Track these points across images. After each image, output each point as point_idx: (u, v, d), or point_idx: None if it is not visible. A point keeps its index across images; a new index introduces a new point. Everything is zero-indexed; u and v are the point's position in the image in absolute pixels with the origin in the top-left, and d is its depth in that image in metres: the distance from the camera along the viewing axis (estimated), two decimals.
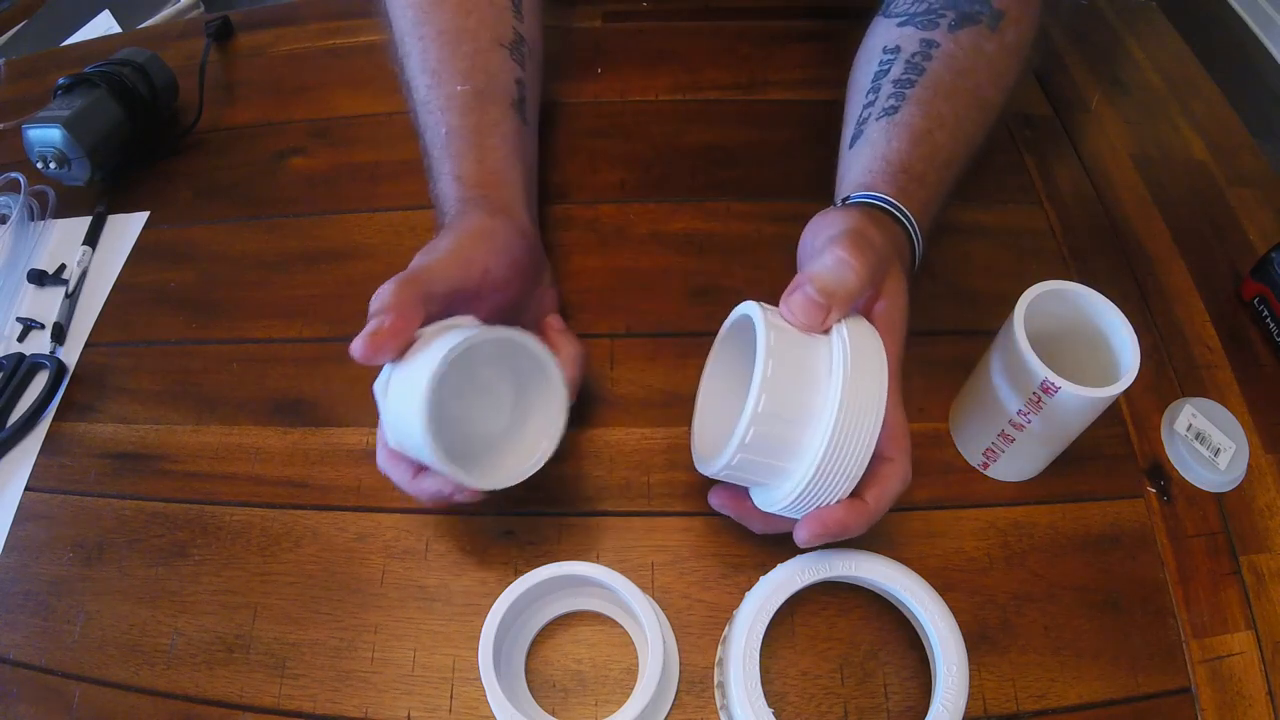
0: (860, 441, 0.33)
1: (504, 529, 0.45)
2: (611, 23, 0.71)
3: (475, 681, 0.38)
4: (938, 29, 0.49)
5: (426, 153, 0.49)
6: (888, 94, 0.48)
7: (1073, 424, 0.41)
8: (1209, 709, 0.39)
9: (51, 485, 0.48)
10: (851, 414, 0.33)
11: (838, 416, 0.33)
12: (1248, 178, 0.60)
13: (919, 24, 0.49)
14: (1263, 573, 0.43)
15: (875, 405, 0.33)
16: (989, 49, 0.49)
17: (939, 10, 0.49)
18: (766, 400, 0.33)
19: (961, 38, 0.48)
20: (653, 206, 0.58)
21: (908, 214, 0.43)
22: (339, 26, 0.72)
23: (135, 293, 0.57)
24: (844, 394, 0.33)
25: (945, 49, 0.48)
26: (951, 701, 0.36)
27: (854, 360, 0.34)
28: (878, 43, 0.51)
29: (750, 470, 0.36)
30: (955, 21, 0.49)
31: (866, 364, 0.34)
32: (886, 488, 0.36)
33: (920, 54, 0.48)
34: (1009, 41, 0.49)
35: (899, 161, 0.45)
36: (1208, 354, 0.51)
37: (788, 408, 0.34)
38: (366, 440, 0.48)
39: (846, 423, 0.33)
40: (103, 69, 0.61)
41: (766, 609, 0.38)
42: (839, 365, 0.34)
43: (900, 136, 0.46)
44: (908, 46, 0.49)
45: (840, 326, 0.35)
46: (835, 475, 0.34)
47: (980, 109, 0.49)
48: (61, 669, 0.42)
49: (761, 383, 0.33)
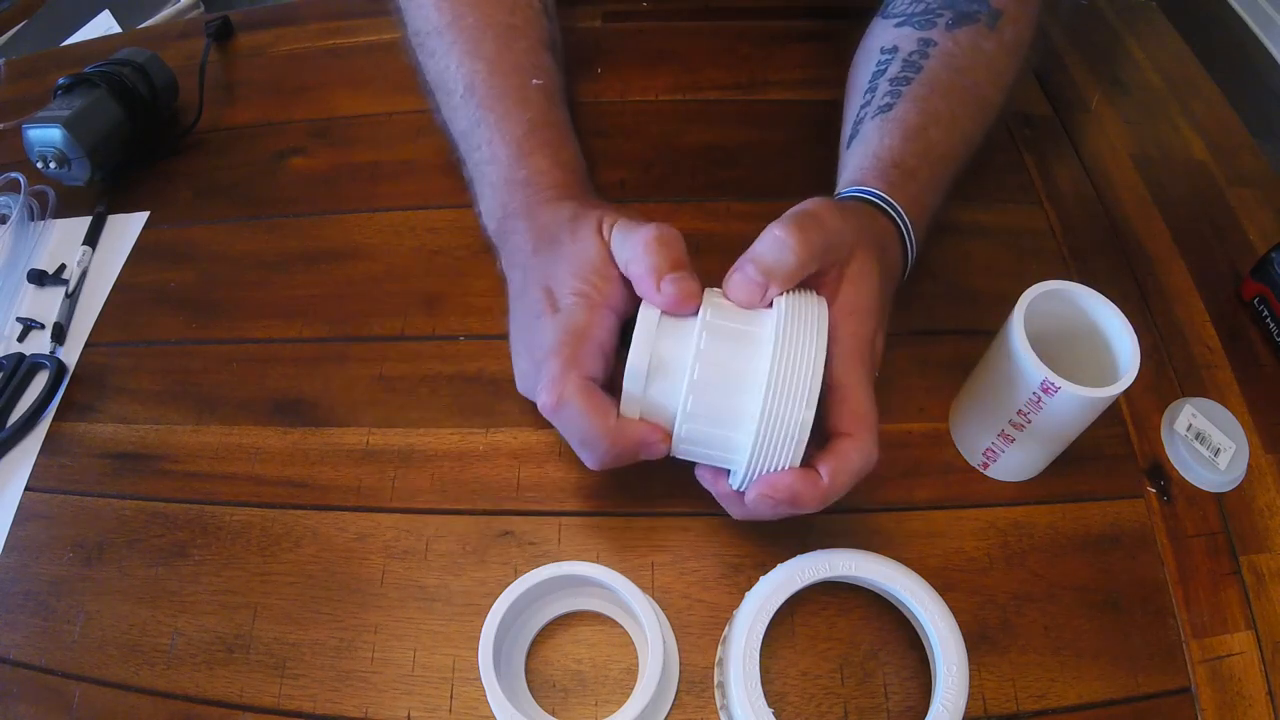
0: (796, 399, 0.34)
1: (504, 529, 0.45)
2: (611, 23, 0.71)
3: (475, 681, 0.38)
4: (935, 28, 0.49)
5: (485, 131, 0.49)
6: (884, 92, 0.48)
7: (1073, 424, 0.41)
8: (1209, 709, 0.39)
9: (51, 485, 0.48)
10: (785, 372, 0.34)
11: (770, 376, 0.33)
12: (1248, 178, 0.60)
13: (916, 24, 0.49)
14: (1263, 573, 0.43)
15: (810, 364, 0.34)
16: (987, 47, 0.49)
17: (936, 10, 0.49)
18: (701, 370, 0.34)
19: (959, 36, 0.48)
20: (653, 206, 0.58)
21: (895, 206, 0.43)
22: (339, 26, 0.72)
23: (135, 293, 0.57)
24: (776, 354, 0.34)
25: (943, 47, 0.48)
26: (951, 701, 0.36)
27: (788, 325, 0.34)
28: (875, 44, 0.51)
29: (703, 442, 0.36)
30: (953, 20, 0.49)
31: (802, 328, 0.35)
32: (843, 462, 0.35)
33: (918, 53, 0.48)
34: (1007, 40, 0.49)
35: (889, 157, 0.45)
36: (1208, 354, 0.51)
37: (727, 377, 0.35)
38: (366, 440, 0.48)
39: (780, 381, 0.33)
40: (103, 69, 0.61)
41: (766, 609, 0.38)
42: (772, 332, 0.35)
43: (893, 133, 0.46)
44: (905, 46, 0.49)
45: (780, 300, 0.36)
46: (778, 438, 0.34)
47: (978, 107, 0.49)
48: (61, 669, 0.42)
49: (696, 354, 0.34)
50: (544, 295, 0.40)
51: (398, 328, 0.53)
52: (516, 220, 0.45)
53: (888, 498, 0.45)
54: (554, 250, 0.41)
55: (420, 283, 0.55)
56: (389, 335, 0.53)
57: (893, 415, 0.48)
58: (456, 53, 0.50)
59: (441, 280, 0.55)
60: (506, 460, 0.47)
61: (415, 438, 0.48)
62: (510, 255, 0.45)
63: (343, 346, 0.53)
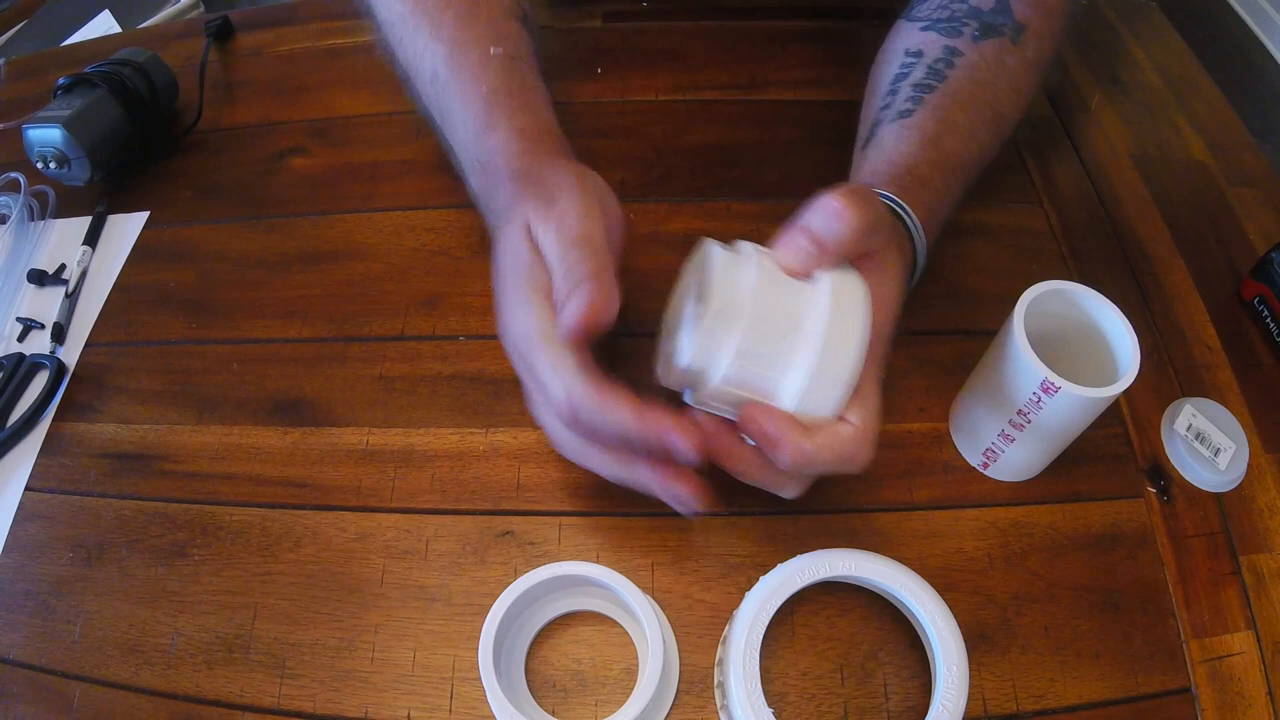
0: (850, 347, 0.34)
1: (504, 529, 0.45)
2: (611, 23, 0.71)
3: (475, 681, 0.38)
4: (961, 37, 0.48)
5: (452, 115, 0.47)
6: (905, 97, 0.47)
7: (1073, 424, 0.41)
8: (1209, 709, 0.39)
9: (51, 485, 0.48)
10: (842, 319, 0.34)
11: (829, 320, 0.34)
12: (1248, 178, 0.60)
13: (943, 30, 0.49)
14: (1263, 573, 0.43)
15: (862, 316, 0.34)
16: (1010, 62, 0.49)
17: (962, 19, 0.49)
18: (756, 307, 0.34)
19: (985, 49, 0.48)
20: (653, 206, 0.58)
21: (909, 212, 0.43)
22: (339, 26, 0.72)
23: (135, 293, 0.57)
24: (833, 304, 0.34)
25: (968, 59, 0.48)
26: (951, 701, 0.36)
27: (840, 282, 0.35)
28: (900, 45, 0.51)
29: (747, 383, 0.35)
30: (979, 32, 0.48)
31: (854, 286, 0.35)
32: (832, 439, 0.34)
33: (943, 60, 0.48)
34: (1030, 56, 0.49)
35: (905, 163, 0.45)
36: (1208, 354, 0.51)
37: (783, 319, 0.34)
38: (366, 440, 0.48)
39: (837, 328, 0.34)
40: (103, 69, 0.61)
41: (766, 609, 0.38)
42: (828, 285, 0.35)
43: (910, 140, 0.45)
44: (931, 52, 0.49)
45: (826, 274, 0.35)
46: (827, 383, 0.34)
47: (995, 122, 0.49)
48: (61, 669, 0.42)
49: (753, 293, 0.34)
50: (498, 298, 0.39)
51: (397, 328, 0.53)
52: (485, 207, 0.45)
53: (888, 498, 0.45)
54: (497, 249, 0.40)
55: (420, 283, 0.55)
56: (389, 335, 0.53)
57: (893, 415, 0.48)
58: (421, 38, 0.49)
59: (441, 280, 0.55)
60: (506, 460, 0.47)
61: (415, 438, 0.48)
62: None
63: (343, 346, 0.53)
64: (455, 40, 0.48)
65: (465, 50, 0.48)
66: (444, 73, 0.48)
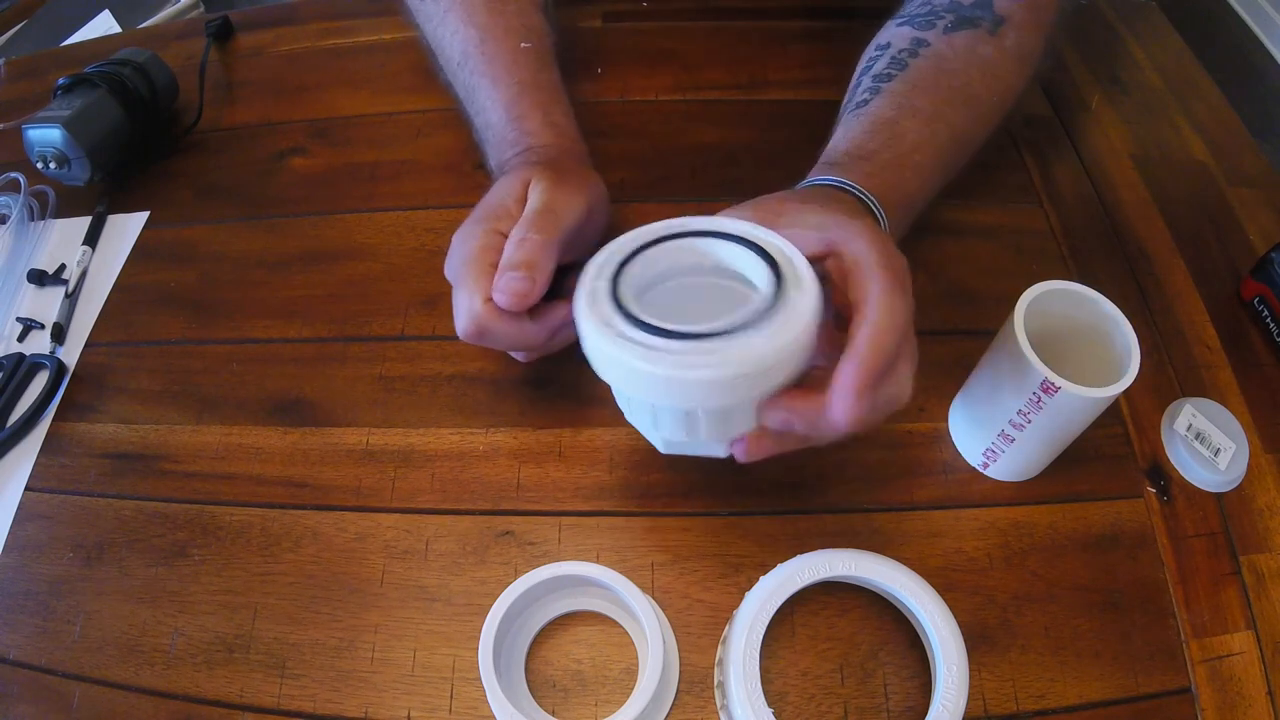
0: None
1: (504, 529, 0.45)
2: (611, 23, 0.71)
3: (475, 681, 0.38)
4: (933, 30, 0.49)
5: (480, 93, 0.52)
6: (864, 88, 0.48)
7: (1073, 424, 0.41)
8: (1209, 709, 0.39)
9: (51, 485, 0.48)
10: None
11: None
12: (1248, 178, 0.60)
13: (916, 24, 0.49)
14: (1263, 573, 0.43)
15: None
16: (984, 51, 0.49)
17: (939, 13, 0.49)
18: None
19: (955, 39, 0.48)
20: (653, 206, 0.58)
21: (846, 182, 0.42)
22: (339, 26, 0.72)
23: (135, 293, 0.57)
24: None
25: (935, 48, 0.48)
26: (951, 701, 0.36)
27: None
28: (873, 41, 0.51)
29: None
30: (952, 24, 0.49)
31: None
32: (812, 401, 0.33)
33: (908, 51, 0.48)
34: (1009, 46, 0.49)
35: (844, 146, 0.45)
36: (1208, 354, 0.51)
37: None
38: (366, 440, 0.48)
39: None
40: (103, 69, 0.61)
41: (766, 609, 0.38)
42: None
43: (860, 128, 0.46)
44: (897, 43, 0.49)
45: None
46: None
47: (967, 105, 0.48)
48: (61, 669, 0.42)
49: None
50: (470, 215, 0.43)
51: (398, 328, 0.53)
52: (500, 173, 0.48)
53: (888, 498, 0.45)
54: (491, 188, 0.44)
55: (420, 283, 0.55)
56: (389, 335, 0.53)
57: (893, 415, 0.48)
58: (452, 20, 0.54)
59: (441, 280, 0.54)
60: (506, 460, 0.47)
61: (415, 438, 0.48)
62: None
63: (343, 346, 0.53)
64: (487, 27, 0.52)
65: (499, 39, 0.52)
66: (475, 56, 0.52)
